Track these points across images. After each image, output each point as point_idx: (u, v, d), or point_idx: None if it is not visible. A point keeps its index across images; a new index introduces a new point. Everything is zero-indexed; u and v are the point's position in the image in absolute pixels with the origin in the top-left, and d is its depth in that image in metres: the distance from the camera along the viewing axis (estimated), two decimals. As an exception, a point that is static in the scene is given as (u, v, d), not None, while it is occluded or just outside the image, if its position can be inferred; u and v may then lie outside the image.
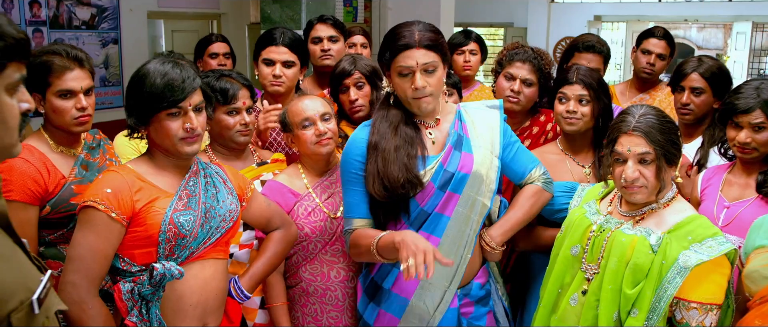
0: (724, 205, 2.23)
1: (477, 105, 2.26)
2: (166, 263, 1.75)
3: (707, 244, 1.83)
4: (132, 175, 1.81)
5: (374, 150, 2.04)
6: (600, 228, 1.98)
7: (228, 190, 1.98)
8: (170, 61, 1.81)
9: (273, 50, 2.77)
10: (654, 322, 1.85)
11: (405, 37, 1.97)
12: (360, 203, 2.09)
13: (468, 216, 2.06)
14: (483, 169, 2.08)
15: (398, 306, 2.10)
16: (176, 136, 1.80)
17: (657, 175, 1.88)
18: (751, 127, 2.14)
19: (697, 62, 2.73)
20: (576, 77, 2.42)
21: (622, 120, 1.93)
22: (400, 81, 2.01)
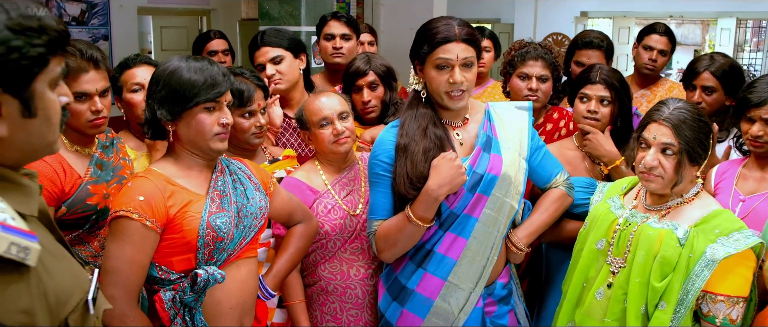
0: (740, 199, 2.25)
1: (506, 105, 2.25)
2: (208, 268, 1.72)
3: (734, 238, 1.84)
4: (162, 180, 1.76)
5: (403, 152, 2.02)
6: (626, 222, 2.00)
7: (254, 186, 1.95)
8: (202, 58, 1.78)
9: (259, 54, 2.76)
10: (681, 314, 1.87)
11: (445, 31, 1.96)
12: (385, 204, 2.08)
13: (496, 218, 2.06)
14: (511, 171, 2.07)
15: (422, 306, 2.08)
16: (211, 131, 1.77)
17: (676, 169, 1.90)
18: (763, 121, 2.16)
19: (709, 61, 2.76)
20: (599, 77, 2.44)
21: (657, 109, 1.95)
22: (436, 74, 1.99)
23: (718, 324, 1.86)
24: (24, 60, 0.95)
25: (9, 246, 0.89)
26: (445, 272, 2.05)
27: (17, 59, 0.94)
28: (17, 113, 0.98)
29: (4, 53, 0.93)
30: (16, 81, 0.96)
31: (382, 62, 2.75)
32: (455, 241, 2.05)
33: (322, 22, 3.18)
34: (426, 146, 2.01)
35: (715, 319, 1.86)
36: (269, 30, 2.84)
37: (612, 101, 2.43)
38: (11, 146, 0.99)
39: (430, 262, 2.07)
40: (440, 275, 2.06)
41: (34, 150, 1.04)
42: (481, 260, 2.06)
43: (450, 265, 2.05)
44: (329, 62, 3.15)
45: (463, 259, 2.05)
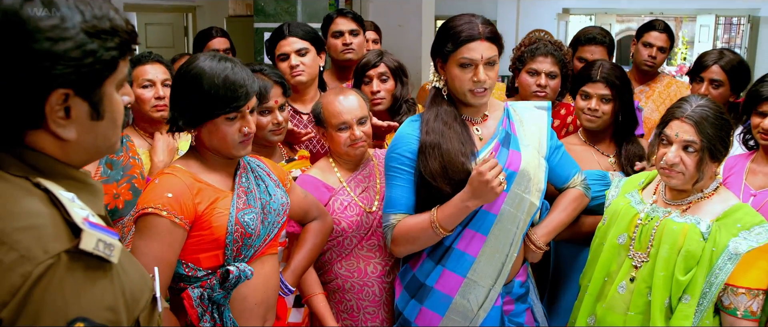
0: (751, 194, 2.28)
1: (525, 105, 2.26)
2: (239, 265, 1.70)
3: (755, 232, 1.87)
4: (189, 177, 1.74)
5: (434, 149, 2.00)
6: (647, 217, 2.02)
7: (275, 183, 1.94)
8: (226, 60, 1.73)
9: (284, 44, 2.73)
10: (705, 307, 1.90)
11: (470, 29, 1.95)
12: (403, 198, 2.07)
13: (515, 214, 2.06)
14: (531, 168, 2.07)
15: (441, 304, 2.08)
16: (234, 140, 1.74)
17: (697, 166, 1.92)
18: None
19: (718, 55, 2.80)
20: (599, 75, 2.46)
21: (679, 106, 1.97)
22: (460, 73, 1.98)
23: (740, 316, 1.89)
24: (98, 64, 0.93)
25: (97, 242, 0.88)
26: (464, 269, 2.05)
27: (91, 63, 0.91)
28: (86, 116, 0.96)
29: (79, 57, 0.90)
30: (88, 84, 0.94)
31: (394, 58, 2.74)
32: (474, 238, 2.05)
33: (328, 21, 3.15)
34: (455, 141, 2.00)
35: (736, 311, 1.89)
36: (296, 22, 2.83)
37: (613, 98, 2.45)
38: (78, 148, 0.98)
39: (449, 258, 2.07)
40: (459, 272, 2.06)
41: (98, 151, 1.02)
42: (501, 257, 2.06)
43: (469, 261, 2.05)
44: (340, 59, 3.12)
45: (482, 256, 2.05)
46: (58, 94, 0.90)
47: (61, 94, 0.91)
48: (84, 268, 0.87)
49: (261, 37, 4.20)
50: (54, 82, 0.89)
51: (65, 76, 0.89)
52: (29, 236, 0.85)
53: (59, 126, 0.93)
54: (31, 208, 0.89)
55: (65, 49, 0.88)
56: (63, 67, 0.88)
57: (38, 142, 0.94)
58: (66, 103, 0.92)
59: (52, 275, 0.84)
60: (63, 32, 0.88)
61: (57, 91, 0.90)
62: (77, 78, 0.91)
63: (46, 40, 0.87)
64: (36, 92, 0.89)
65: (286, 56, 2.73)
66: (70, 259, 0.86)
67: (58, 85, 0.90)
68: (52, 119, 0.92)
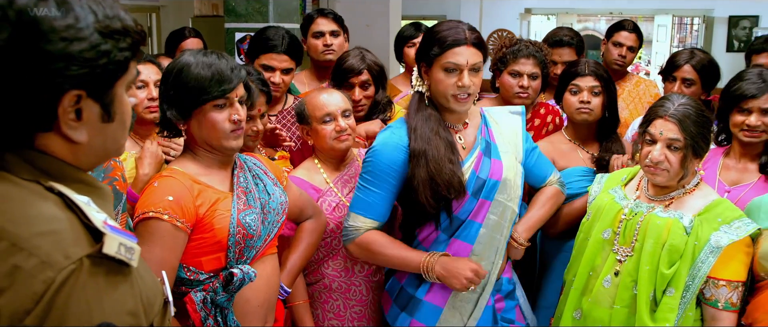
0: (725, 189, 2.34)
1: (500, 110, 2.29)
2: (242, 267, 1.68)
3: (735, 226, 1.94)
4: (187, 179, 1.72)
5: (422, 157, 1.99)
6: (631, 212, 2.06)
7: (272, 182, 1.92)
8: (212, 53, 1.73)
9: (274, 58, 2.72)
10: (688, 299, 1.96)
11: (456, 34, 1.96)
12: (379, 205, 2.05)
13: (499, 222, 2.08)
14: (511, 175, 2.10)
15: (432, 315, 2.09)
16: (223, 128, 1.72)
17: (682, 163, 1.98)
18: (760, 112, 2.24)
19: (689, 54, 2.88)
20: (588, 69, 2.52)
21: (662, 105, 2.02)
22: (444, 77, 1.98)
23: (721, 308, 1.95)
24: (111, 65, 0.91)
25: (119, 246, 0.87)
26: None
27: (105, 64, 0.89)
28: (97, 118, 0.94)
29: (93, 58, 0.88)
30: (101, 86, 0.92)
31: (375, 60, 2.73)
32: (461, 248, 2.07)
33: (308, 21, 3.14)
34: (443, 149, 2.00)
35: (717, 302, 1.95)
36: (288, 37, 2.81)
37: (602, 91, 2.51)
38: (88, 151, 0.96)
39: None
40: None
41: (106, 153, 1.00)
42: (487, 264, 2.09)
43: None
44: (320, 59, 3.11)
45: None
46: (71, 96, 0.88)
47: (74, 95, 0.89)
48: (105, 272, 0.86)
49: (232, 37, 4.17)
50: (68, 84, 0.87)
51: (79, 77, 0.87)
52: (49, 241, 0.83)
53: (71, 128, 0.91)
54: (47, 212, 0.87)
55: (80, 49, 0.86)
56: (77, 67, 0.87)
57: (49, 145, 0.92)
58: (78, 105, 0.90)
59: (74, 281, 0.82)
60: (77, 33, 0.86)
61: (70, 92, 0.88)
62: (91, 79, 0.89)
63: (61, 41, 0.85)
64: (49, 94, 0.87)
65: (271, 69, 2.73)
66: (91, 263, 0.84)
67: (72, 86, 0.87)
68: (64, 121, 0.90)
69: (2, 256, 0.81)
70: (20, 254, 0.82)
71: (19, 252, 0.82)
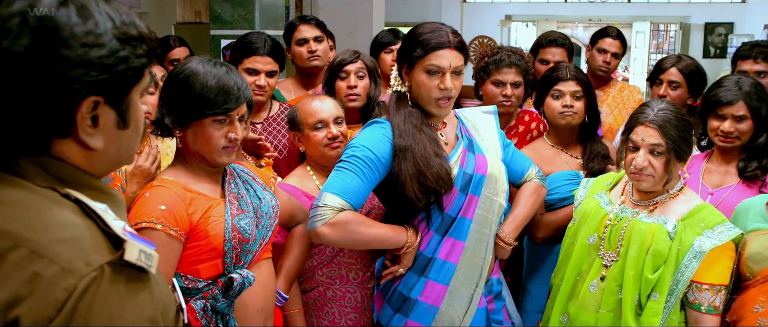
0: (708, 192, 2.41)
1: (473, 111, 2.32)
2: (241, 272, 1.69)
3: (718, 230, 1.99)
4: (179, 187, 1.73)
5: (407, 152, 1.99)
6: (616, 217, 2.11)
7: (261, 186, 1.94)
8: (221, 65, 1.73)
9: (258, 60, 2.73)
10: (672, 303, 2.00)
11: (440, 37, 1.97)
12: (357, 191, 1.97)
13: (487, 217, 2.11)
14: (495, 170, 2.13)
15: (427, 314, 2.09)
16: (218, 144, 1.73)
17: (665, 167, 2.02)
18: (734, 119, 2.32)
19: (676, 59, 2.96)
20: (569, 74, 2.57)
21: (642, 112, 2.07)
22: (426, 79, 1.99)
23: (704, 311, 2.00)
24: (129, 71, 0.91)
25: (139, 253, 0.87)
26: (447, 278, 2.08)
27: (123, 70, 0.90)
28: (113, 125, 0.94)
29: (112, 64, 0.89)
30: (118, 92, 0.93)
31: (371, 58, 2.77)
32: (454, 245, 2.08)
33: (291, 28, 3.15)
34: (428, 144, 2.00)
35: (700, 306, 2.00)
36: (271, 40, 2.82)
37: (583, 95, 2.56)
38: (103, 158, 0.96)
39: (432, 269, 2.08)
40: (443, 281, 2.08)
41: (120, 160, 1.01)
42: (479, 261, 2.11)
43: (452, 269, 2.08)
44: (305, 66, 3.12)
45: (463, 262, 2.08)
46: (89, 102, 0.89)
47: (92, 101, 0.89)
48: (126, 279, 0.86)
49: (218, 44, 4.18)
50: (86, 90, 0.87)
51: (98, 83, 0.88)
52: (69, 248, 0.83)
53: (88, 134, 0.91)
54: (66, 219, 0.87)
55: (99, 55, 0.87)
56: (96, 73, 0.87)
57: (64, 152, 0.92)
58: (95, 112, 0.90)
59: (96, 288, 0.82)
60: (97, 39, 0.87)
61: (88, 98, 0.88)
62: (109, 85, 0.90)
63: (81, 47, 0.86)
64: (68, 100, 0.87)
65: (255, 72, 2.73)
66: (112, 270, 0.84)
67: (90, 92, 0.88)
68: (82, 127, 0.90)
69: (22, 264, 0.81)
70: (40, 262, 0.81)
71: (40, 259, 0.81)
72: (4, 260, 0.82)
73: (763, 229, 2.07)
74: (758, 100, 2.32)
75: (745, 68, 3.07)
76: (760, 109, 2.31)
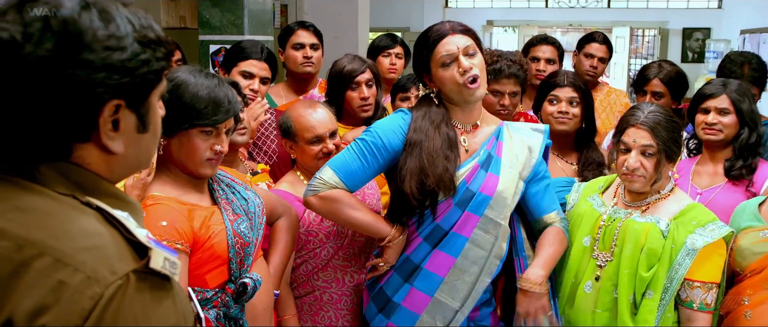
0: (697, 192, 2.47)
1: (523, 126, 2.26)
2: (252, 275, 1.69)
3: (709, 228, 2.04)
4: (173, 202, 1.71)
5: (415, 147, 2.00)
6: (610, 218, 2.15)
7: (243, 187, 1.94)
8: (212, 76, 1.73)
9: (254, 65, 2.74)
10: (666, 301, 2.04)
11: (439, 29, 2.00)
12: (357, 174, 2.02)
13: (489, 240, 2.05)
14: (508, 192, 2.06)
15: (408, 320, 2.09)
16: (203, 155, 1.72)
17: (656, 168, 2.07)
18: (717, 111, 2.41)
19: (658, 68, 3.03)
20: (566, 80, 2.60)
21: (633, 114, 2.11)
22: (445, 72, 1.99)
23: (696, 309, 2.04)
24: (150, 74, 0.92)
25: (163, 261, 0.87)
26: (431, 288, 2.06)
27: (144, 73, 0.91)
28: (133, 128, 0.94)
29: (135, 67, 0.89)
30: (139, 95, 0.92)
31: (372, 63, 2.79)
32: (444, 259, 2.05)
33: (288, 32, 3.17)
34: (439, 144, 2.00)
35: (692, 304, 2.05)
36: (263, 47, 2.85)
37: (580, 101, 2.59)
38: (123, 162, 0.96)
39: (417, 277, 2.07)
40: (426, 291, 2.06)
41: (139, 165, 1.01)
42: (471, 279, 2.06)
43: (437, 282, 2.05)
44: (298, 71, 3.14)
45: (450, 277, 2.05)
46: (111, 105, 0.89)
47: (114, 105, 0.89)
48: (150, 287, 0.85)
49: (206, 49, 4.17)
50: (109, 93, 0.87)
51: (120, 87, 0.88)
52: (93, 256, 0.82)
53: (109, 138, 0.91)
54: (89, 227, 0.86)
55: (121, 59, 0.88)
56: (119, 77, 0.87)
57: (85, 157, 0.91)
58: (116, 115, 0.90)
59: (122, 296, 0.82)
60: (119, 42, 0.88)
61: (111, 102, 0.88)
62: (131, 88, 0.90)
63: (104, 50, 0.86)
64: (91, 103, 0.87)
65: (250, 76, 2.75)
66: (137, 279, 0.84)
67: (112, 95, 0.88)
68: (104, 131, 0.90)
69: (47, 272, 0.81)
70: (65, 270, 0.81)
71: (65, 268, 0.81)
72: (29, 268, 0.81)
73: (754, 226, 2.13)
74: (741, 94, 2.42)
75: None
76: (742, 102, 2.40)
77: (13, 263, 0.81)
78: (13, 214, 0.85)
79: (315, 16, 6.22)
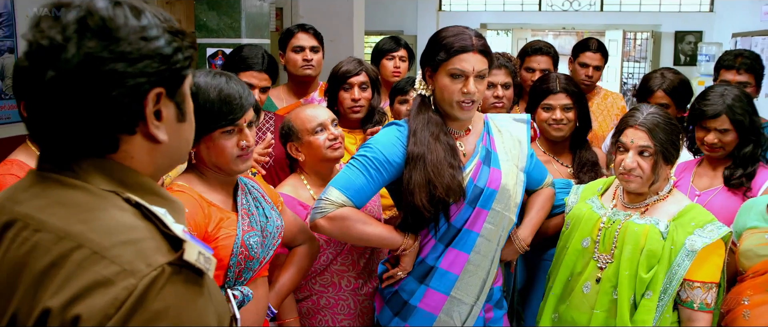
0: (696, 194, 2.48)
1: (505, 117, 2.31)
2: (242, 289, 1.68)
3: (708, 229, 2.05)
4: (197, 195, 1.72)
5: (419, 160, 1.99)
6: (609, 220, 2.16)
7: (270, 206, 1.93)
8: (220, 75, 1.73)
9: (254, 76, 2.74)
10: (665, 302, 2.05)
11: (463, 41, 1.98)
12: (362, 190, 2.02)
13: (496, 232, 2.11)
14: (510, 184, 2.12)
15: (425, 320, 2.11)
16: (232, 154, 1.73)
17: (653, 169, 2.09)
18: (717, 132, 2.39)
19: (660, 79, 2.92)
20: (559, 87, 2.60)
21: (632, 115, 2.13)
22: (450, 83, 2.00)
23: (696, 309, 2.06)
24: (184, 60, 0.96)
25: (198, 255, 0.88)
26: (447, 287, 2.09)
27: (179, 60, 0.95)
28: (174, 118, 0.98)
29: (169, 54, 0.93)
30: (175, 83, 0.96)
31: (373, 68, 2.81)
32: (457, 257, 2.08)
33: (288, 35, 3.17)
34: (443, 154, 2.01)
35: (692, 304, 2.06)
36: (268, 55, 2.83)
37: (573, 106, 2.61)
38: (165, 153, 0.99)
39: (432, 278, 2.09)
40: (443, 290, 2.09)
41: (180, 154, 1.04)
42: (482, 273, 2.11)
43: (452, 280, 2.09)
44: (299, 74, 3.14)
45: (465, 274, 2.09)
46: (153, 94, 0.92)
47: (156, 94, 0.92)
48: (184, 280, 0.86)
49: (203, 53, 4.16)
50: (150, 81, 0.91)
51: (160, 74, 0.92)
52: (130, 250, 0.84)
53: (156, 127, 0.94)
54: (126, 221, 0.88)
55: (157, 47, 0.92)
56: (158, 64, 0.91)
57: (130, 150, 0.94)
58: (157, 106, 0.94)
59: (156, 288, 0.83)
60: (153, 31, 0.92)
61: (153, 90, 0.92)
62: (170, 75, 0.94)
63: (141, 41, 0.90)
64: (135, 93, 0.90)
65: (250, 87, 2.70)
66: (172, 271, 0.85)
67: (154, 84, 0.92)
68: (150, 120, 0.93)
69: (84, 264, 0.83)
70: (102, 262, 0.83)
71: (101, 260, 0.83)
72: (67, 260, 0.83)
73: (760, 227, 2.14)
74: (741, 112, 2.36)
75: (727, 78, 3.12)
76: (743, 121, 2.36)
77: (52, 255, 0.84)
78: (54, 208, 0.88)
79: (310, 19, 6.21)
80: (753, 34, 8.01)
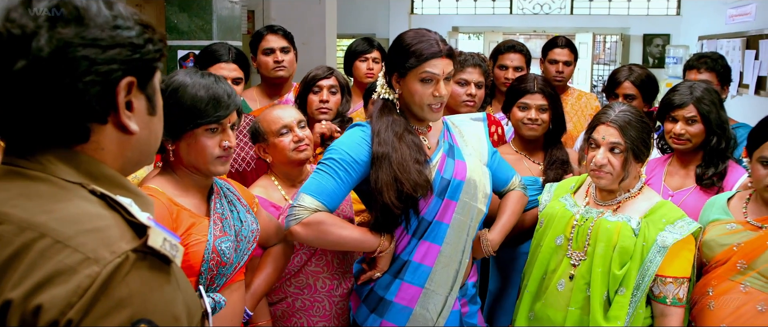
0: (669, 194, 2.51)
1: (462, 118, 2.37)
2: (214, 295, 1.66)
3: (678, 225, 2.08)
4: (165, 198, 1.69)
5: (384, 160, 2.01)
6: (582, 218, 2.18)
7: (245, 209, 1.91)
8: (208, 75, 1.73)
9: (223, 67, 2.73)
10: (638, 298, 2.07)
11: (432, 46, 2.01)
12: (333, 193, 2.01)
13: (465, 222, 2.14)
14: (476, 176, 2.17)
15: (402, 315, 2.12)
16: (212, 154, 1.72)
17: (623, 166, 2.12)
18: (684, 120, 2.43)
19: (628, 71, 3.06)
20: (536, 87, 2.63)
21: (604, 112, 2.16)
22: (420, 87, 2.03)
23: (669, 303, 2.09)
24: (155, 52, 0.96)
25: (163, 241, 0.87)
26: (421, 280, 2.11)
27: (149, 50, 0.95)
28: (144, 110, 0.98)
29: (141, 44, 0.93)
30: (146, 74, 0.96)
31: (343, 75, 2.81)
32: (430, 249, 2.11)
33: (257, 38, 3.14)
34: (408, 151, 2.03)
35: (665, 299, 2.09)
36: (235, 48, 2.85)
37: (548, 107, 2.63)
38: (135, 145, 0.98)
39: (406, 271, 2.11)
40: (417, 283, 2.11)
41: (149, 150, 1.03)
42: (454, 264, 2.14)
43: (426, 272, 2.10)
44: (271, 76, 3.12)
45: (438, 265, 2.11)
46: (125, 82, 0.92)
47: (127, 82, 0.92)
48: (149, 267, 0.85)
49: (174, 54, 4.11)
50: (123, 70, 0.91)
51: (132, 62, 0.92)
52: (93, 238, 0.83)
53: (127, 117, 0.94)
54: (91, 211, 0.87)
55: (129, 36, 0.92)
56: (130, 53, 0.92)
57: (101, 141, 0.94)
58: (129, 96, 0.93)
59: (120, 274, 0.81)
60: (125, 22, 0.93)
61: (125, 78, 0.91)
62: (141, 66, 0.94)
63: (114, 29, 0.91)
64: (107, 81, 0.90)
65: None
66: (137, 258, 0.84)
67: (126, 72, 0.92)
68: (122, 110, 0.93)
69: (46, 254, 0.81)
70: (65, 251, 0.81)
71: (64, 249, 0.81)
72: (29, 250, 0.82)
73: (721, 219, 2.19)
74: (709, 103, 2.42)
75: (691, 78, 3.22)
76: (710, 112, 2.41)
77: (14, 246, 0.83)
78: (18, 200, 0.87)
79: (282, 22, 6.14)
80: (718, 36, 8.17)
